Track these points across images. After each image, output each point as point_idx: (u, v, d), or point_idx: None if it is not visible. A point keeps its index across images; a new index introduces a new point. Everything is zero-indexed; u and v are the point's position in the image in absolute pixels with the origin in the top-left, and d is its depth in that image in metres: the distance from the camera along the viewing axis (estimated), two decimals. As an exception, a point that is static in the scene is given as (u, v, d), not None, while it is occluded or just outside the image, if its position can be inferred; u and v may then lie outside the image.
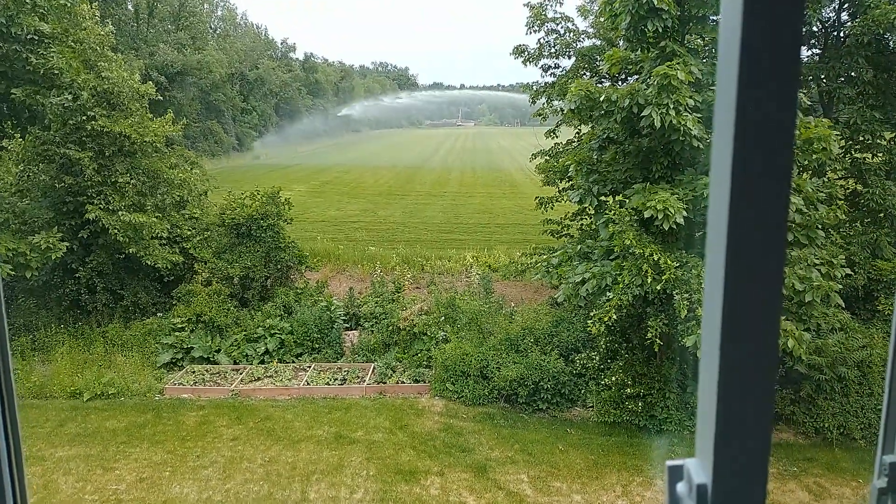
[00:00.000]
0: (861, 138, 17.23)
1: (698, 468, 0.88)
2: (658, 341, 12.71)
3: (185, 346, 18.24)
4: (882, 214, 16.38)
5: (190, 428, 14.77)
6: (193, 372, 17.49)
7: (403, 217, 36.06)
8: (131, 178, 19.19)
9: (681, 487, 0.88)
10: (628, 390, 14.25)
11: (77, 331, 18.75)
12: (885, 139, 17.39)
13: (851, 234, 16.43)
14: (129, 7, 59.81)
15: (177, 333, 18.49)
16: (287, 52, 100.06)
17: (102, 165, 18.84)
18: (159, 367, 17.75)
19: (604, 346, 15.23)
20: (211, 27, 79.24)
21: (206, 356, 18.16)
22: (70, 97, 18.11)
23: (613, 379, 14.52)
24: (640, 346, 14.37)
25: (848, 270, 13.21)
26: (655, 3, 12.75)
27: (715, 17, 14.89)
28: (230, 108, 75.34)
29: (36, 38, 20.02)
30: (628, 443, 14.15)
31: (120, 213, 18.20)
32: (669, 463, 0.93)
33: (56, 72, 18.41)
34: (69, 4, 20.09)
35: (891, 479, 1.09)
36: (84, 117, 18.28)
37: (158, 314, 19.61)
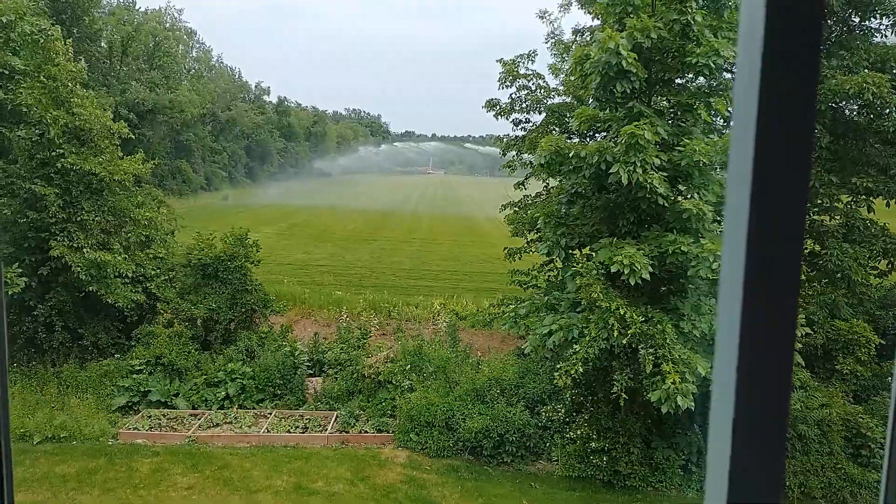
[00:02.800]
0: (819, 201, 17.79)
1: None
2: (623, 395, 12.73)
3: (143, 389, 17.71)
4: (839, 275, 16.83)
5: (143, 475, 14.22)
6: (150, 416, 16.94)
7: (371, 262, 35.93)
8: (97, 216, 18.85)
9: None
10: (593, 444, 14.18)
11: (30, 370, 18.10)
12: (841, 202, 17.99)
13: (810, 294, 16.81)
14: (103, 44, 59.71)
15: (134, 376, 17.96)
16: (261, 95, 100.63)
17: (68, 202, 18.50)
18: (114, 410, 17.17)
19: (569, 399, 15.19)
20: (185, 67, 79.36)
21: (163, 400, 17.64)
22: (38, 133, 17.85)
23: (578, 433, 14.45)
24: (606, 400, 14.35)
25: (807, 329, 13.47)
26: (624, 65, 13.14)
27: (681, 81, 15.43)
28: (201, 148, 75.09)
29: (6, 72, 19.80)
30: (592, 498, 14.01)
31: (84, 250, 17.81)
32: None
33: (25, 108, 18.16)
34: (43, 40, 19.96)
35: None
36: (53, 153, 18.02)
37: (116, 355, 19.05)
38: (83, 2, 52.34)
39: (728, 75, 14.42)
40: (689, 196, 13.71)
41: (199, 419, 16.92)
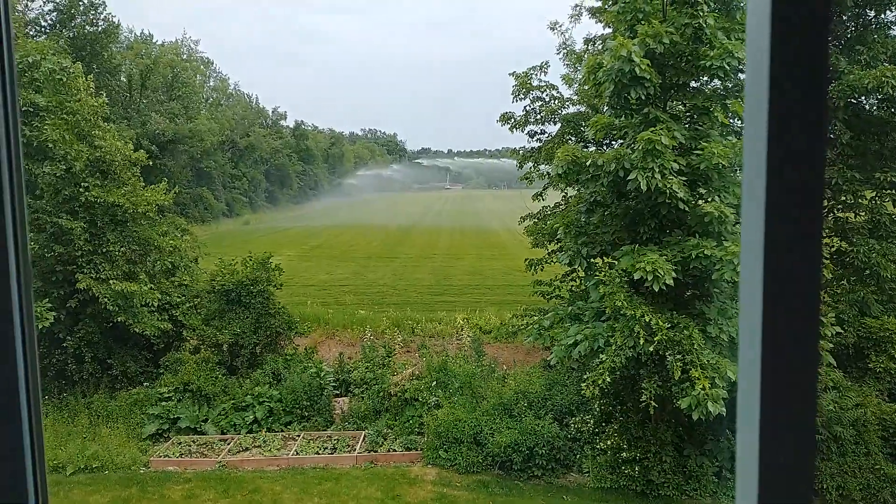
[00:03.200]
0: (843, 198, 17.52)
1: None
2: (653, 403, 12.56)
3: (172, 416, 17.82)
4: (868, 272, 16.51)
5: (175, 502, 14.28)
6: (180, 443, 17.04)
7: (393, 280, 36.00)
8: (122, 247, 19.12)
9: None
10: (624, 454, 13.98)
11: (62, 402, 18.31)
12: (866, 198, 17.70)
13: (839, 292, 16.51)
14: (123, 78, 60.87)
15: (163, 403, 18.09)
16: (278, 120, 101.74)
17: (94, 234, 18.80)
18: (145, 438, 17.29)
19: (598, 410, 15.02)
20: (203, 97, 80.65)
21: (192, 426, 17.73)
22: (63, 168, 18.20)
23: (609, 443, 14.26)
24: (635, 409, 14.17)
25: (838, 329, 13.21)
26: (637, 72, 13.09)
27: (695, 84, 15.34)
28: (221, 175, 75.99)
29: (31, 110, 20.23)
30: (626, 509, 13.79)
31: (111, 281, 18.06)
32: None
33: (50, 144, 18.53)
34: (65, 79, 20.38)
35: None
36: (78, 188, 18.34)
37: (145, 384, 19.22)
38: (102, 38, 53.53)
39: (743, 76, 14.33)
40: (709, 199, 13.57)
41: (228, 444, 16.98)
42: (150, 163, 22.35)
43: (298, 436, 17.43)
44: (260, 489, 14.76)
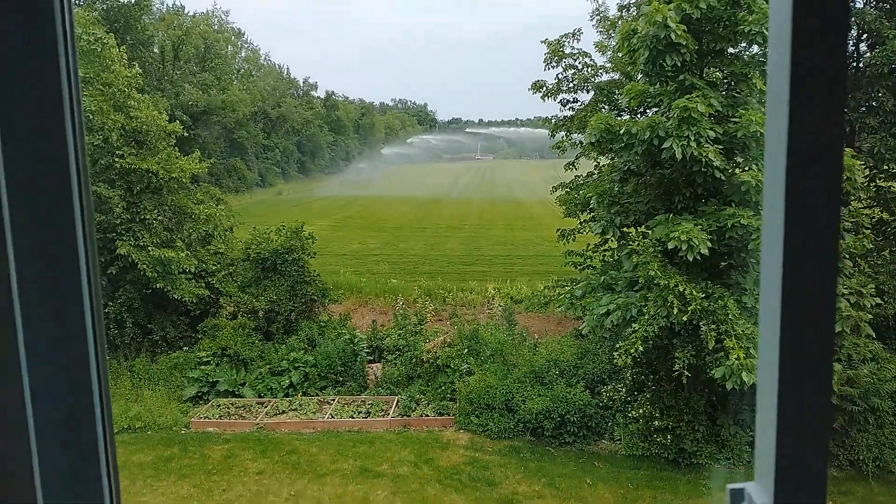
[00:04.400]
0: (885, 167, 17.09)
1: (759, 491, 0.90)
2: (686, 373, 12.54)
3: (211, 380, 18.30)
4: (910, 243, 16.16)
5: (216, 461, 14.74)
6: (219, 405, 17.51)
7: (424, 250, 36.14)
8: (159, 215, 19.50)
9: None
10: (656, 423, 14.02)
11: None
12: (910, 168, 17.25)
13: (879, 263, 16.17)
14: (156, 50, 61.33)
15: (202, 367, 18.57)
16: (308, 91, 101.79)
17: (131, 203, 19.20)
18: (185, 400, 17.80)
19: (630, 378, 15.05)
20: (235, 68, 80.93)
21: (231, 390, 18.19)
22: (101, 138, 18.53)
23: (641, 411, 14.30)
24: (668, 378, 14.16)
25: (878, 300, 12.99)
26: (673, 38, 12.84)
27: (733, 50, 14.97)
28: (253, 146, 76.53)
29: (69, 80, 20.52)
30: (658, 476, 13.87)
31: (149, 248, 18.47)
32: (731, 486, 0.96)
33: (88, 115, 18.85)
34: (99, 49, 20.63)
35: None
36: (113, 157, 18.69)
37: (185, 348, 19.73)
38: (134, 10, 53.85)
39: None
40: (746, 168, 13.36)
41: (265, 407, 17.41)
42: (185, 133, 22.65)
43: (333, 400, 17.79)
44: (297, 450, 15.14)
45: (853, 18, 17.55)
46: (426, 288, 25.52)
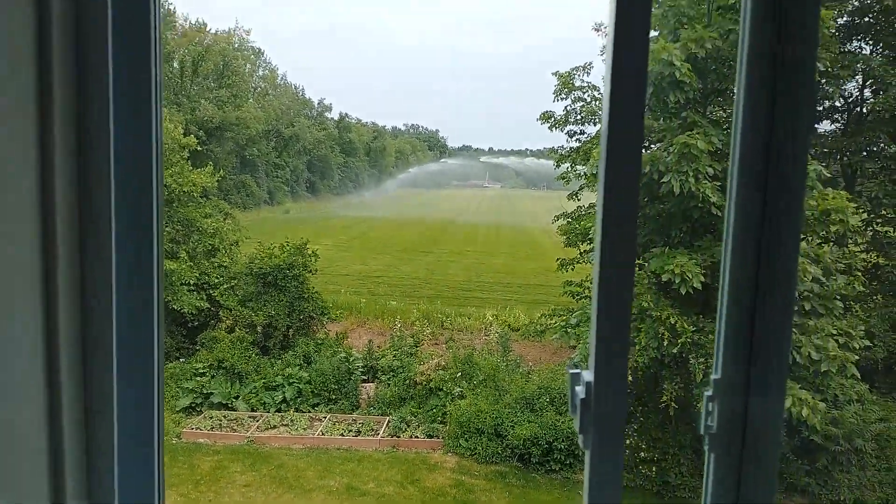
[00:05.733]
0: (883, 212, 17.25)
1: (587, 374, 1.40)
2: (673, 405, 12.61)
3: (205, 391, 18.41)
4: (904, 288, 16.24)
5: (204, 472, 14.80)
6: (211, 417, 17.60)
7: (426, 274, 36.35)
8: (167, 226, 19.80)
9: (578, 388, 1.39)
10: (642, 454, 14.05)
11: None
12: (906, 214, 17.40)
13: (872, 306, 16.26)
14: (175, 65, 62.39)
15: (198, 378, 18.69)
16: (323, 112, 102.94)
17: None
18: (178, 410, 17.89)
19: (619, 409, 15.08)
20: (252, 86, 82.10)
21: (224, 402, 18.29)
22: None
23: (628, 442, 14.32)
24: (655, 410, 14.21)
25: (867, 342, 13.06)
26: (677, 76, 13.12)
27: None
28: (264, 163, 77.29)
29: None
30: (642, 509, 13.86)
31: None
32: (571, 371, 1.43)
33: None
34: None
35: None
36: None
37: (181, 359, 19.88)
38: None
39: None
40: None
41: (257, 421, 17.49)
42: (198, 148, 23.06)
43: (325, 417, 17.85)
44: (285, 465, 15.20)
45: (858, 64, 17.82)
46: (425, 311, 25.71)
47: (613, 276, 1.27)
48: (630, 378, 12.42)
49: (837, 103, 19.12)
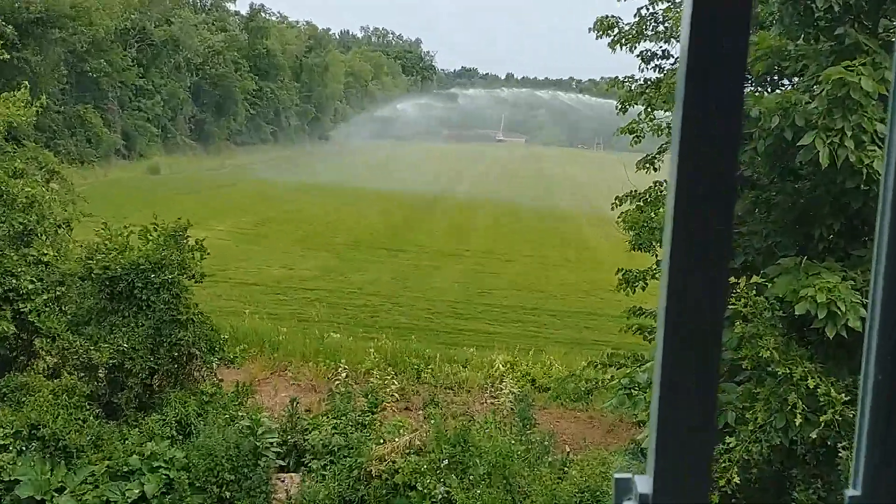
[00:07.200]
0: None
1: (642, 482, 1.33)
2: (810, 527, 12.74)
3: (7, 478, 18.34)
4: None
5: None
6: (14, 526, 17.57)
7: (393, 286, 36.36)
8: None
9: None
10: None
11: None
12: None
13: None
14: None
15: (-8, 455, 18.63)
16: (220, 2, 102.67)
17: None
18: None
19: (717, 531, 15.21)
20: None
21: (38, 497, 18.22)
22: None
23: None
24: (779, 534, 14.35)
25: None
26: (830, -38, 13.21)
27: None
28: (118, 87, 76.88)
29: None
30: None
31: None
32: (617, 476, 1.41)
33: None
34: None
35: None
36: None
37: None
38: None
39: None
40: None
41: (94, 532, 17.49)
42: (4, 56, 22.92)
43: (211, 530, 17.89)
44: None
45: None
46: (389, 352, 25.73)
47: (685, 309, 1.24)
48: (737, 479, 12.53)
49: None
